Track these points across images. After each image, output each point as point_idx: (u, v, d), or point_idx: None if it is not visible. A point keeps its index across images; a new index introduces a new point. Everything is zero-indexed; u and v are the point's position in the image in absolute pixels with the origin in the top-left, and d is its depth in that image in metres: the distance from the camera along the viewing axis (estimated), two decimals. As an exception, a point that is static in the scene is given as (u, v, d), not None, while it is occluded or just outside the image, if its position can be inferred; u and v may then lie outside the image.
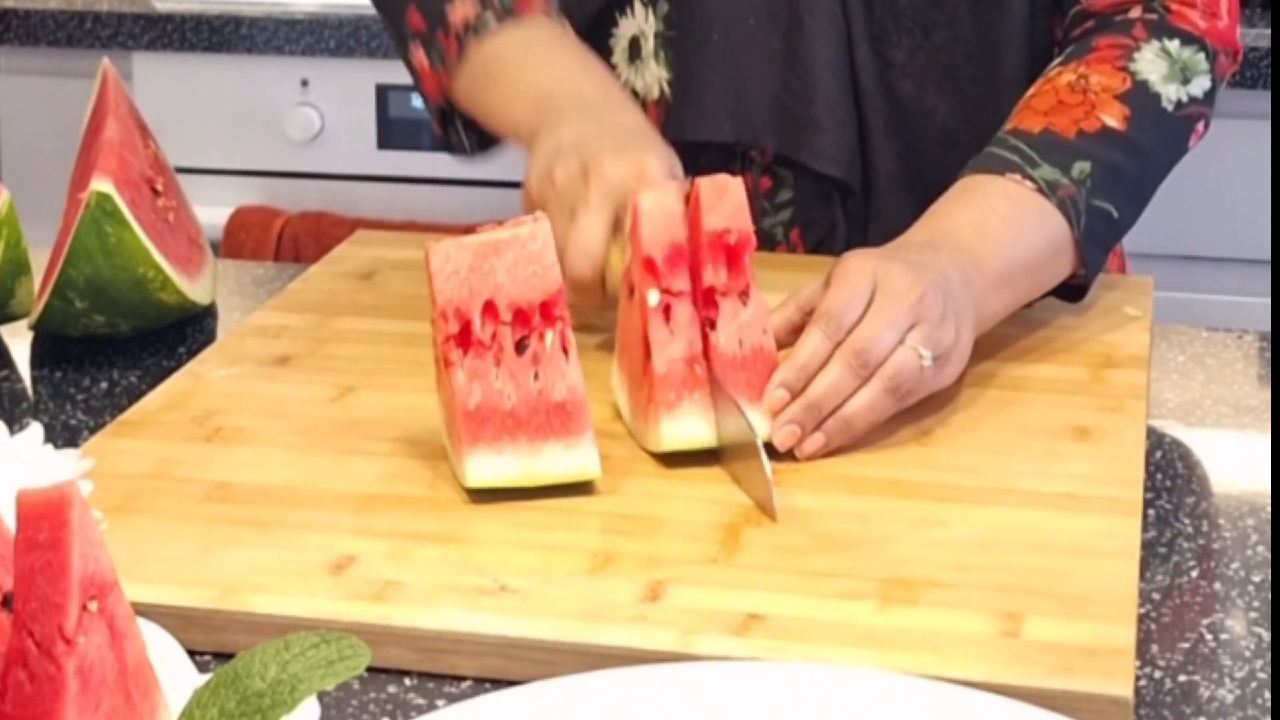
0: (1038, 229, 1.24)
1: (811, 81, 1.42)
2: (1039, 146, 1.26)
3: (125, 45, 2.47)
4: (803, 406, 1.09)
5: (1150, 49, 1.32)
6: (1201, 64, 1.33)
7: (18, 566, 0.70)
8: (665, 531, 1.01)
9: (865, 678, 0.81)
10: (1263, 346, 1.34)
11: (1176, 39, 1.32)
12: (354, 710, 0.88)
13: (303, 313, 1.34)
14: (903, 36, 1.42)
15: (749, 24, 1.43)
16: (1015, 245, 1.22)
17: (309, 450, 1.11)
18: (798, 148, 1.44)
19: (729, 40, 1.44)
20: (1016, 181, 1.24)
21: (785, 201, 1.47)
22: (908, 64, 1.42)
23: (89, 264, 1.26)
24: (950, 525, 1.02)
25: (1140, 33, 1.33)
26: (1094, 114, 1.28)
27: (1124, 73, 1.30)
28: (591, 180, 1.21)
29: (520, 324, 1.05)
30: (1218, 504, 1.10)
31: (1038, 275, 1.25)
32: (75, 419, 1.21)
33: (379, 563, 0.97)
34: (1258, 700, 0.89)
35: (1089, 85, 1.30)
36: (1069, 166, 1.26)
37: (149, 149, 1.37)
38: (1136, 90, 1.30)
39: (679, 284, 1.09)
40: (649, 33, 1.46)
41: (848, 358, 1.10)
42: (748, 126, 1.45)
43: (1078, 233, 1.25)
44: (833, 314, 1.11)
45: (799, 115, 1.43)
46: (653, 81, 1.47)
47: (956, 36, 1.42)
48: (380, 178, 2.50)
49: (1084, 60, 1.32)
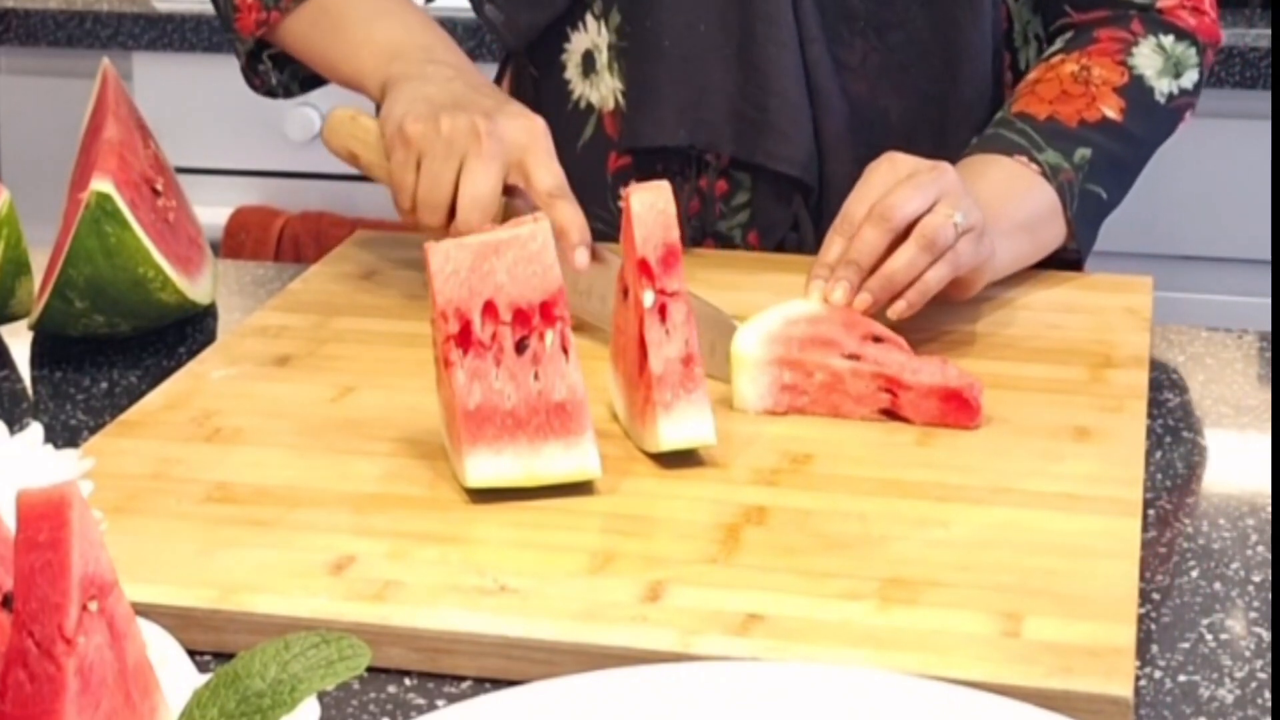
0: (1030, 198, 1.35)
1: (766, 85, 1.43)
2: (1044, 132, 1.36)
3: (125, 45, 2.47)
4: (843, 263, 1.19)
5: (1147, 44, 1.41)
6: (1192, 58, 1.42)
7: (18, 566, 0.70)
8: (665, 531, 1.01)
9: (865, 678, 0.81)
10: (1263, 346, 1.34)
11: (1171, 34, 1.42)
12: (354, 710, 0.88)
13: (303, 313, 1.34)
14: (856, 38, 1.43)
15: (700, 30, 1.44)
16: (1010, 206, 1.33)
17: (309, 450, 1.11)
18: (755, 150, 1.45)
19: (681, 47, 1.44)
20: (1022, 163, 1.34)
21: (742, 204, 1.47)
22: (861, 66, 1.44)
23: (89, 264, 1.26)
24: (950, 525, 1.02)
25: (1138, 27, 1.41)
26: (1095, 105, 1.38)
27: (1122, 66, 1.40)
28: (485, 135, 1.26)
29: (520, 324, 1.05)
30: (1218, 504, 1.10)
31: (1033, 235, 1.35)
32: (75, 419, 1.21)
33: (379, 563, 0.97)
34: (1258, 700, 0.89)
35: (1090, 77, 1.39)
36: (1071, 153, 1.36)
37: (149, 149, 1.37)
38: (1133, 84, 1.40)
39: (673, 284, 1.09)
40: (602, 45, 1.47)
41: (874, 219, 1.20)
42: (703, 131, 1.45)
43: (1070, 212, 1.35)
44: (861, 195, 1.22)
45: (755, 119, 1.44)
46: (608, 94, 1.47)
47: (910, 37, 1.43)
48: (380, 178, 2.50)
49: (1086, 51, 1.41)
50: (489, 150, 1.25)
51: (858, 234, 1.20)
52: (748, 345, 1.16)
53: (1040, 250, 1.36)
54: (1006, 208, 1.32)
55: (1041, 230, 1.35)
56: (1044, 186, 1.34)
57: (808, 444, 1.12)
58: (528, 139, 1.27)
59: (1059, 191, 1.34)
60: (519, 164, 1.27)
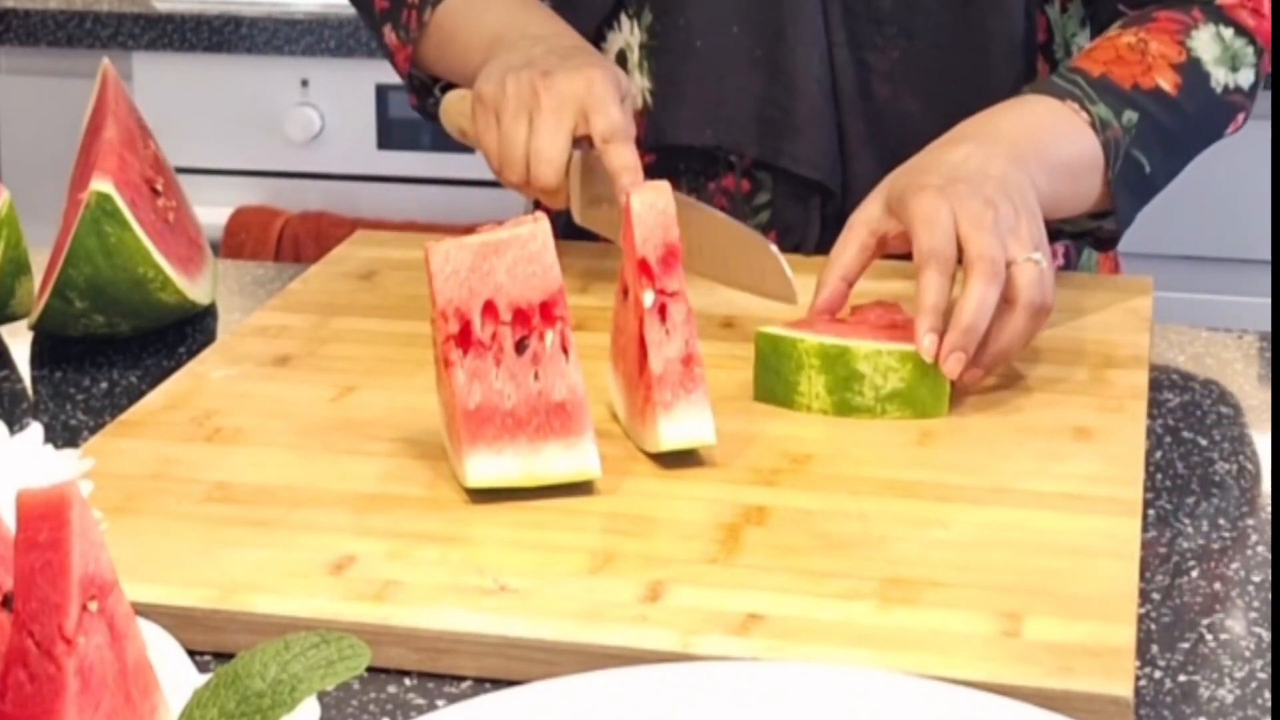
0: (1074, 141, 1.30)
1: (793, 88, 1.43)
2: (1097, 87, 1.33)
3: (125, 45, 2.47)
4: (960, 332, 1.14)
5: (1207, 31, 1.37)
6: (1250, 57, 1.39)
7: (18, 566, 0.70)
8: (665, 531, 1.01)
9: (865, 678, 0.81)
10: (1263, 346, 1.34)
11: (1231, 28, 1.38)
12: (354, 710, 0.88)
13: (303, 313, 1.34)
14: (885, 42, 1.43)
15: (732, 31, 1.44)
16: (1055, 144, 1.30)
17: (309, 450, 1.11)
18: (778, 153, 1.45)
19: (711, 47, 1.45)
20: (1073, 109, 1.31)
21: (763, 204, 1.47)
22: (887, 70, 1.43)
23: (89, 264, 1.26)
24: (950, 525, 1.02)
25: (1198, 14, 1.38)
26: (1150, 74, 1.35)
27: (1181, 46, 1.36)
28: (543, 91, 1.29)
29: (520, 324, 1.05)
30: (1218, 504, 1.10)
31: (1074, 180, 1.31)
32: (75, 419, 1.21)
33: (379, 563, 0.97)
34: (1258, 700, 0.89)
35: (1147, 49, 1.36)
36: (1120, 112, 1.32)
37: (149, 149, 1.37)
38: (1190, 65, 1.36)
39: (673, 284, 1.09)
40: (634, 45, 1.48)
41: (980, 270, 1.15)
42: (728, 132, 1.46)
43: (1112, 173, 1.31)
44: (935, 251, 1.16)
45: (780, 122, 1.44)
46: (637, 93, 1.48)
47: (938, 43, 1.43)
48: (380, 178, 2.50)
49: (1144, 27, 1.38)
50: (548, 105, 1.29)
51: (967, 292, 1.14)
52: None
53: (1079, 199, 1.32)
54: (1052, 145, 1.29)
55: (1084, 178, 1.31)
56: (1090, 136, 1.30)
57: (808, 444, 1.12)
58: (585, 87, 1.29)
59: (1104, 147, 1.30)
60: (582, 114, 1.29)
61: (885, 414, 1.15)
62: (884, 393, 1.15)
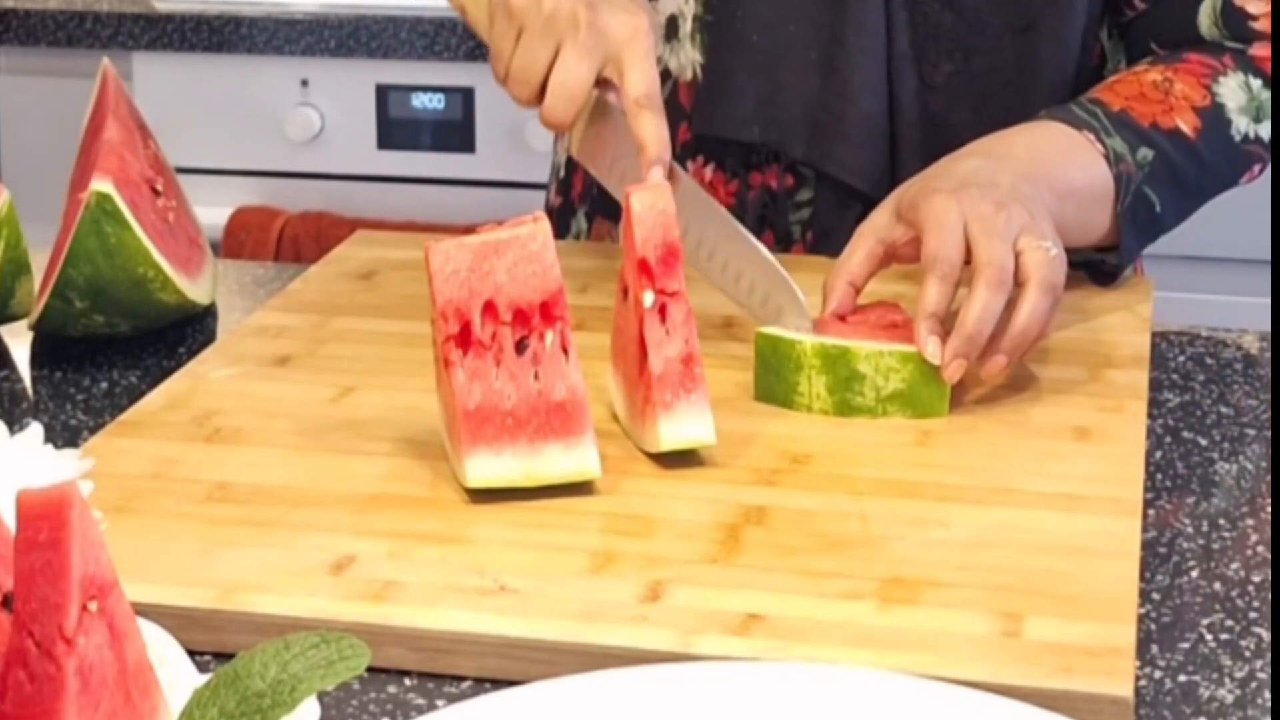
0: (1086, 169, 1.30)
1: (848, 95, 1.42)
2: (1115, 120, 1.32)
3: (125, 45, 2.47)
4: (964, 339, 1.14)
5: (1235, 79, 1.37)
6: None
7: (18, 566, 0.70)
8: (665, 531, 1.01)
9: (865, 678, 0.81)
10: (1263, 346, 1.34)
11: (1260, 79, 1.37)
12: (354, 710, 0.88)
13: (303, 313, 1.34)
14: (942, 59, 1.42)
15: (789, 29, 1.43)
16: (1067, 170, 1.29)
17: (309, 450, 1.11)
18: (826, 158, 1.44)
19: (767, 43, 1.44)
20: (1089, 139, 1.31)
21: (805, 201, 1.47)
22: (943, 85, 1.43)
23: (89, 264, 1.26)
24: (950, 525, 1.02)
25: (1229, 61, 1.37)
26: (1171, 114, 1.34)
27: (1206, 90, 1.36)
28: (584, 25, 1.24)
29: (520, 324, 1.05)
30: (1218, 504, 1.10)
31: (1081, 208, 1.30)
32: (75, 419, 1.21)
33: (379, 563, 0.97)
34: (1258, 700, 0.89)
35: (1172, 89, 1.35)
36: (1136, 148, 1.32)
37: (149, 149, 1.37)
38: (1213, 110, 1.35)
39: (673, 284, 1.09)
40: (688, 14, 1.46)
41: (988, 276, 1.14)
42: (776, 131, 1.45)
43: (1120, 207, 1.30)
44: (941, 257, 1.16)
45: (830, 127, 1.43)
46: (687, 63, 1.47)
47: (994, 65, 1.42)
48: (380, 178, 2.50)
49: (1171, 67, 1.37)
50: (585, 41, 1.23)
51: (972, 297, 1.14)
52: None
53: (1085, 229, 1.31)
54: (1062, 170, 1.28)
55: (1091, 209, 1.31)
56: (1103, 168, 1.30)
57: (808, 444, 1.12)
58: (628, 35, 1.24)
59: (1116, 180, 1.30)
60: (615, 59, 1.25)
61: (886, 414, 1.15)
62: (885, 393, 1.15)
